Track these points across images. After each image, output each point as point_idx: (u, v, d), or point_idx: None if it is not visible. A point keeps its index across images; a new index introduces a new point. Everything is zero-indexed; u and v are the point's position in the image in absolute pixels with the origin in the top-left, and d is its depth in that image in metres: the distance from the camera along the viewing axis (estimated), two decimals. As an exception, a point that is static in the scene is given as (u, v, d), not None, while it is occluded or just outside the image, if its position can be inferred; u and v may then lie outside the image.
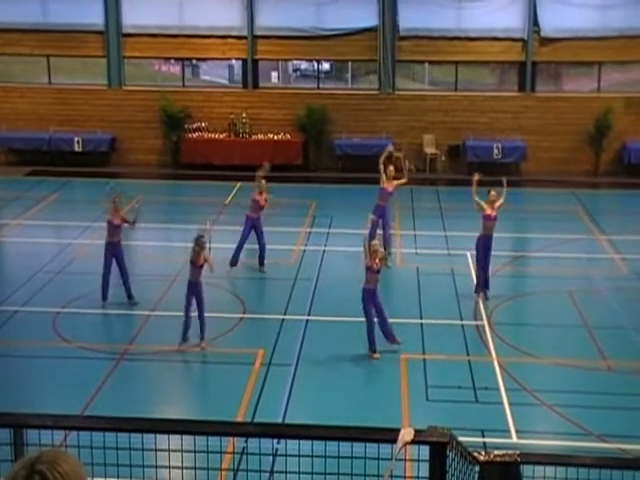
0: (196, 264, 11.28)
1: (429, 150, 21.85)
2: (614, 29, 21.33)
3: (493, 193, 13.04)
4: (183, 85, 22.90)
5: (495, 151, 21.40)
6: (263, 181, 14.49)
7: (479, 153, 21.53)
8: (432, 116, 21.92)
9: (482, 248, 12.92)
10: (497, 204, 12.95)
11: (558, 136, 21.64)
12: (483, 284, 13.04)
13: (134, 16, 21.96)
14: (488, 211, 12.88)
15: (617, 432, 9.17)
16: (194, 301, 11.33)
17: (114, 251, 12.97)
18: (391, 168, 14.97)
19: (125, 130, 22.20)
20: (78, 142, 21.92)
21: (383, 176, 14.83)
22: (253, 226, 14.29)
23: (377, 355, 11.11)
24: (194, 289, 11.32)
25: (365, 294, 11.14)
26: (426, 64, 23.07)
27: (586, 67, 22.67)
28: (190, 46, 22.21)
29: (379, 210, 14.76)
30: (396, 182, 14.88)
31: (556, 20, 21.42)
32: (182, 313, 11.53)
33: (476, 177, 13.16)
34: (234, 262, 14.20)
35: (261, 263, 14.44)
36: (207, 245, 11.35)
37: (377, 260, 11.15)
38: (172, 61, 23.71)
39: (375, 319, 11.23)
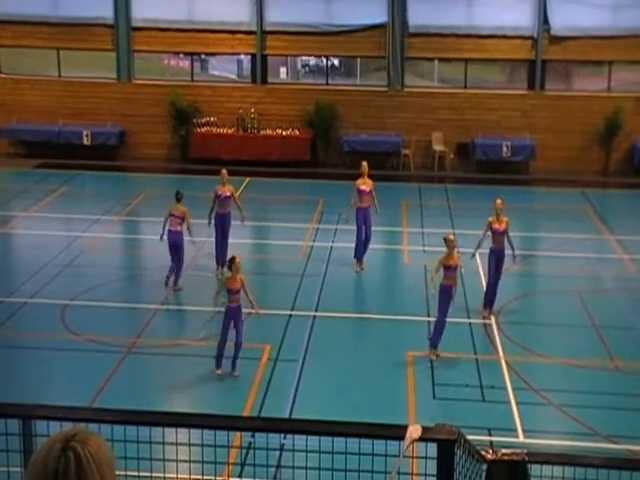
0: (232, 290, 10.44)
1: (438, 148, 21.80)
2: (625, 28, 21.22)
3: (499, 201, 12.60)
4: (192, 80, 22.92)
5: (504, 149, 21.33)
6: (224, 171, 13.94)
7: (488, 151, 21.47)
8: (441, 114, 21.86)
9: (494, 261, 12.56)
10: (505, 220, 12.55)
11: (567, 135, 21.56)
12: (490, 301, 12.55)
13: (144, 10, 21.98)
14: (495, 225, 12.59)
15: (625, 433, 9.14)
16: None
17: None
18: (364, 164, 14.33)
19: (134, 124, 22.23)
20: (87, 135, 21.96)
21: (356, 191, 14.17)
22: (221, 222, 13.77)
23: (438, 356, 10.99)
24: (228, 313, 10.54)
25: (443, 290, 11.03)
26: (435, 61, 23.02)
27: (596, 66, 22.56)
28: (199, 41, 22.22)
29: (361, 213, 14.18)
30: (372, 182, 14.19)
31: (566, 18, 21.33)
32: (190, 308, 11.52)
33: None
34: (223, 262, 13.58)
35: (222, 264, 13.42)
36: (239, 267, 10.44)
37: (455, 256, 11.01)
38: (181, 55, 23.72)
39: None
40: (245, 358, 11.01)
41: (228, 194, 13.82)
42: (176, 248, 13.22)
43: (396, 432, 2.99)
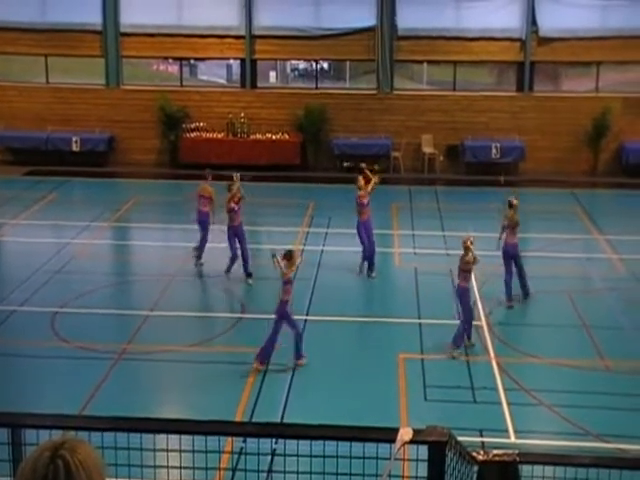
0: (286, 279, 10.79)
1: (427, 150, 21.85)
2: (613, 29, 21.35)
3: (515, 202, 13.09)
4: (181, 85, 22.90)
5: (493, 151, 21.41)
6: (237, 185, 14.00)
7: (477, 153, 21.54)
8: (430, 116, 21.92)
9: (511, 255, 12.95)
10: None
11: (556, 136, 21.66)
12: (524, 291, 13.07)
13: (132, 15, 21.95)
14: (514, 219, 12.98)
15: (615, 432, 9.17)
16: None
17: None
18: (360, 177, 14.18)
19: (123, 130, 22.19)
20: (76, 142, 21.91)
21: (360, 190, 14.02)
22: (235, 234, 13.87)
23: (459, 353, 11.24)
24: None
25: (462, 291, 11.39)
26: (424, 64, 23.08)
27: (584, 67, 22.68)
28: (188, 46, 22.21)
29: (362, 226, 14.09)
30: (370, 187, 14.01)
31: (554, 20, 21.44)
32: (181, 314, 11.41)
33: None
34: (229, 270, 14.03)
35: (248, 274, 13.93)
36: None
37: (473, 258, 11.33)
38: (170, 61, 23.69)
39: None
40: (236, 363, 11.00)
41: (236, 206, 13.85)
42: (203, 225, 14.22)
43: (387, 435, 3.00)
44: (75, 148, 21.95)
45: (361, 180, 14.17)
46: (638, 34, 21.26)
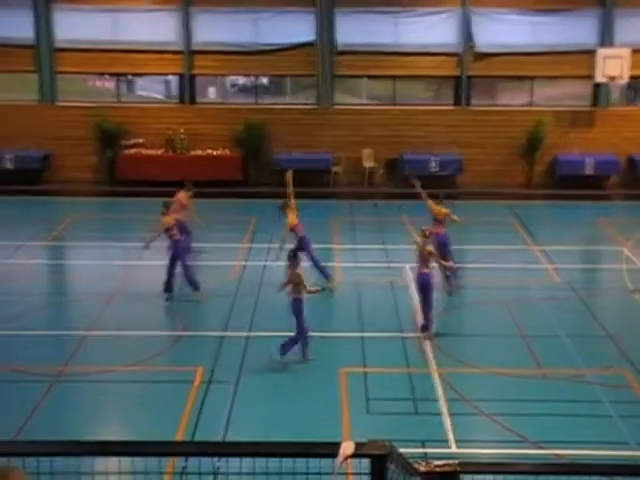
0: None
1: (368, 164, 22.06)
2: (544, 45, 22.00)
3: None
4: (118, 101, 22.60)
5: (432, 164, 21.75)
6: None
7: (416, 166, 21.82)
8: (370, 130, 22.16)
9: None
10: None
11: (493, 149, 22.15)
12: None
13: (67, 30, 21.61)
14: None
15: (553, 438, 9.36)
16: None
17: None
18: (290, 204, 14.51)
19: (59, 147, 21.76)
20: (10, 159, 21.38)
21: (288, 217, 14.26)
22: (175, 250, 13.74)
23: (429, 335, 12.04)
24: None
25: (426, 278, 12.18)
26: (364, 79, 23.35)
27: (519, 82, 23.29)
28: (125, 61, 21.96)
29: (303, 243, 14.13)
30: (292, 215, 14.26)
31: (489, 36, 21.98)
32: (119, 333, 11.22)
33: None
34: (195, 285, 13.95)
35: (195, 288, 13.82)
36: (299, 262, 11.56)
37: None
38: (107, 76, 23.38)
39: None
40: (177, 382, 10.85)
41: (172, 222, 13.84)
42: (182, 231, 14.52)
43: (329, 449, 3.00)
44: (9, 166, 21.42)
45: (290, 204, 14.47)
46: (568, 50, 21.97)
